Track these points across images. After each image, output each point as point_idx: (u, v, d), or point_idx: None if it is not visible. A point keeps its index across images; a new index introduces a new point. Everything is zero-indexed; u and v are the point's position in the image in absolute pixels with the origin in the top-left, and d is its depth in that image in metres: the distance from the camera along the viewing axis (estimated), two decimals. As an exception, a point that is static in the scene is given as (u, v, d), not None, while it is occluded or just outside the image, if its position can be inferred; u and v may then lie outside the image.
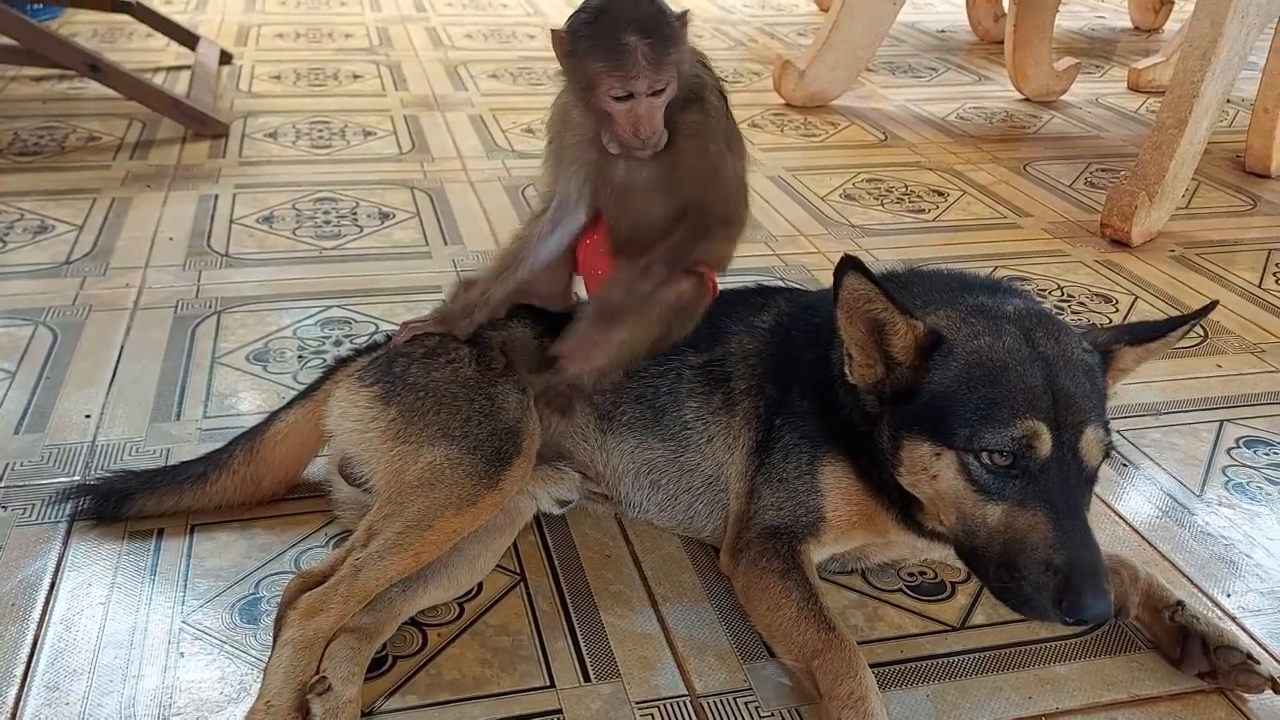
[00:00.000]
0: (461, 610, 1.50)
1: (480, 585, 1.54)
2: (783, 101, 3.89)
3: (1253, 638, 1.51)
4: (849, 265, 1.30)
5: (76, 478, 1.71)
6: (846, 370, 1.39)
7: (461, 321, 1.62)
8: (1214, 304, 1.41)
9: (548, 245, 1.64)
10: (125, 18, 4.20)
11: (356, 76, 4.06)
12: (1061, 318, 1.45)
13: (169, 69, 4.01)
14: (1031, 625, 1.47)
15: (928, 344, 1.33)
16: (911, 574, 1.61)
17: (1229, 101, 3.80)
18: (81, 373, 2.02)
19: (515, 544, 1.61)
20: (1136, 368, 1.41)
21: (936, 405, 1.31)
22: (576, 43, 1.49)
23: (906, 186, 3.18)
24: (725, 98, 1.61)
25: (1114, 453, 1.32)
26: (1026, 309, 1.38)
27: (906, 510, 1.44)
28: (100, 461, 1.76)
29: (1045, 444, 1.25)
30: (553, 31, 1.51)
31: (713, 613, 1.52)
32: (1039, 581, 1.22)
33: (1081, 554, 1.21)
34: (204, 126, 3.27)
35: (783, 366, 1.55)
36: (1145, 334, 1.39)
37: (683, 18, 1.52)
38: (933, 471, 1.32)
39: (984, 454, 1.27)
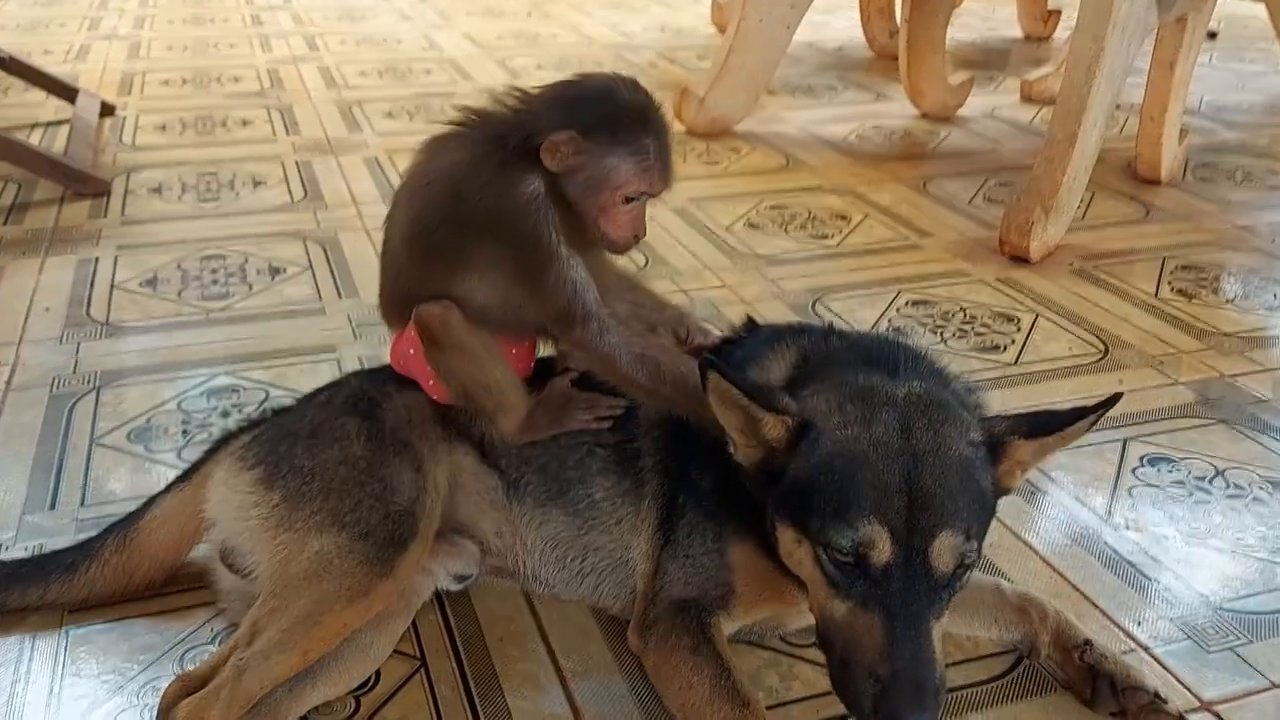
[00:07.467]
0: (357, 705, 1.42)
1: (377, 674, 1.46)
2: (684, 129, 3.86)
3: (1164, 667, 1.50)
4: (708, 367, 1.27)
5: (-62, 585, 1.59)
6: (731, 451, 1.34)
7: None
8: (1118, 396, 1.32)
9: None
10: (-2, 72, 4.04)
11: (246, 122, 3.95)
12: (973, 398, 1.39)
13: (47, 124, 3.85)
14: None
15: (797, 432, 1.29)
16: (825, 625, 1.57)
17: (1119, 108, 3.89)
18: (-55, 466, 1.90)
19: (415, 625, 1.54)
20: (1037, 461, 1.34)
21: (799, 492, 1.27)
22: (597, 139, 1.39)
23: (810, 212, 3.17)
24: None
25: (974, 560, 1.24)
26: (918, 395, 1.31)
27: None
28: (-35, 564, 1.65)
29: (884, 550, 1.19)
30: (551, 139, 1.37)
31: (624, 685, 1.46)
32: (862, 686, 1.19)
33: (907, 668, 1.16)
34: (83, 185, 3.14)
35: (685, 439, 1.50)
36: (1042, 427, 1.31)
37: None
38: (796, 557, 1.29)
39: (830, 549, 1.22)
